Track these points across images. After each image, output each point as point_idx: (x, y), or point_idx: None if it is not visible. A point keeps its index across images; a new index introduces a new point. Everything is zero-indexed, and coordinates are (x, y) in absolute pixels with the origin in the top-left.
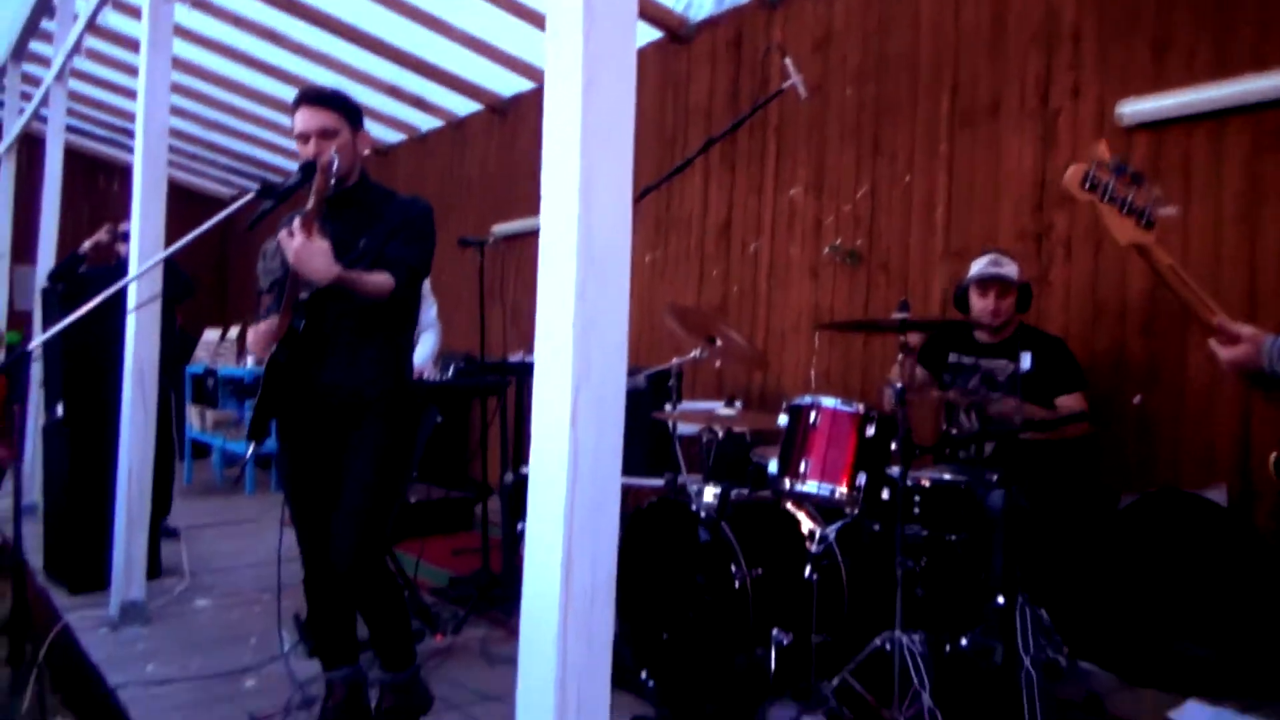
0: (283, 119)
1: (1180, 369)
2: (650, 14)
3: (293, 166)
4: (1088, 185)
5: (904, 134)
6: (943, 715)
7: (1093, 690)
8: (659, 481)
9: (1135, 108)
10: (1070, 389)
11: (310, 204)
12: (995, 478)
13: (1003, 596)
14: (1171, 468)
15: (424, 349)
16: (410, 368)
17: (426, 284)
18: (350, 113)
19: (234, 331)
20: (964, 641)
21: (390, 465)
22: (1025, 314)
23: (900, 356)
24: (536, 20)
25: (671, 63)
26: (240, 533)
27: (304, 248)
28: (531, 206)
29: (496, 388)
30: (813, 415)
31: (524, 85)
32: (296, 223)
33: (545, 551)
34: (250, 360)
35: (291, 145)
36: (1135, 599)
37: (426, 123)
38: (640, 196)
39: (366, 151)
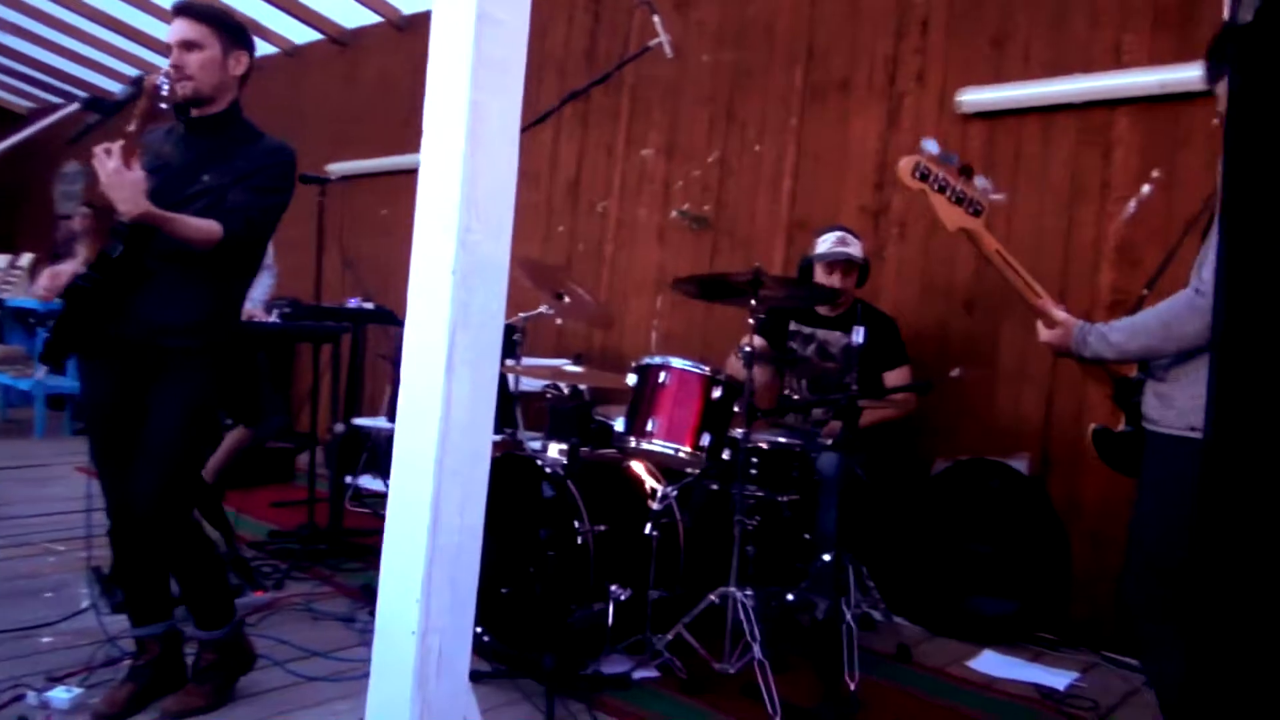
0: (94, 29)
1: (994, 347)
2: None
3: (101, 82)
4: (918, 175)
5: (757, 103)
6: (770, 666)
7: (903, 641)
8: (496, 436)
9: (973, 97)
10: (896, 364)
11: (132, 126)
12: (829, 441)
13: (829, 555)
14: (982, 438)
15: (256, 291)
16: (237, 314)
17: None
18: (227, 29)
19: (25, 259)
20: (790, 596)
21: (201, 410)
22: (861, 289)
23: (750, 322)
24: None
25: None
26: (29, 478)
27: (115, 174)
28: (371, 147)
29: (332, 335)
30: (662, 375)
31: (369, 18)
32: (116, 145)
33: (411, 499)
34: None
35: (99, 57)
36: (942, 558)
37: (260, 49)
38: None
39: (238, 73)
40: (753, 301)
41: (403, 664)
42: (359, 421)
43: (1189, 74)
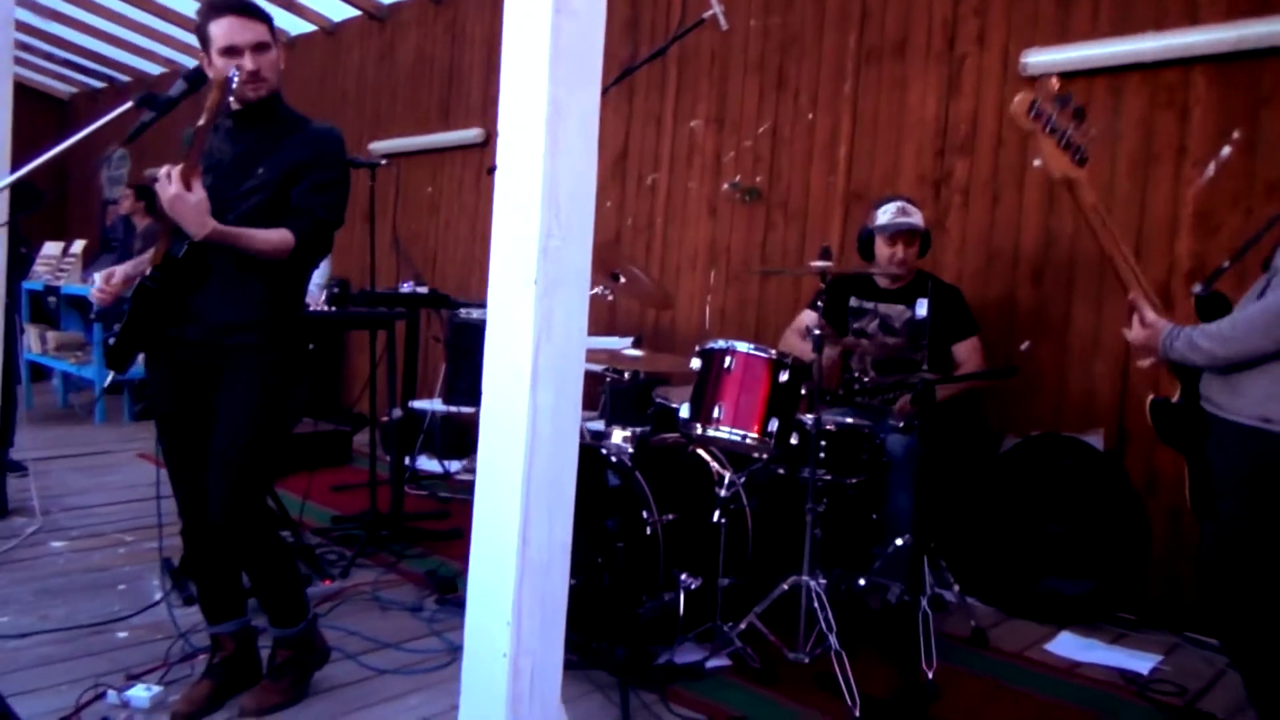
0: (134, 12)
1: (1066, 319)
2: None
3: (139, 65)
4: (1033, 114)
5: (809, 70)
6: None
7: (978, 624)
8: None
9: (1038, 58)
10: (965, 335)
11: (202, 120)
12: (901, 423)
13: (901, 539)
14: (1054, 413)
15: (314, 278)
16: (301, 306)
17: None
18: (272, 24)
19: (78, 245)
20: (860, 581)
21: (270, 410)
22: (923, 260)
23: (819, 303)
24: None
25: None
26: (94, 466)
27: (177, 200)
28: (410, 124)
29: (387, 321)
30: (727, 360)
31: None
32: (175, 170)
33: (499, 519)
34: (98, 276)
35: (137, 40)
36: (1015, 537)
37: (297, 26)
38: None
39: (282, 67)
40: (820, 286)
41: (495, 688)
42: (415, 404)
43: (1270, 28)
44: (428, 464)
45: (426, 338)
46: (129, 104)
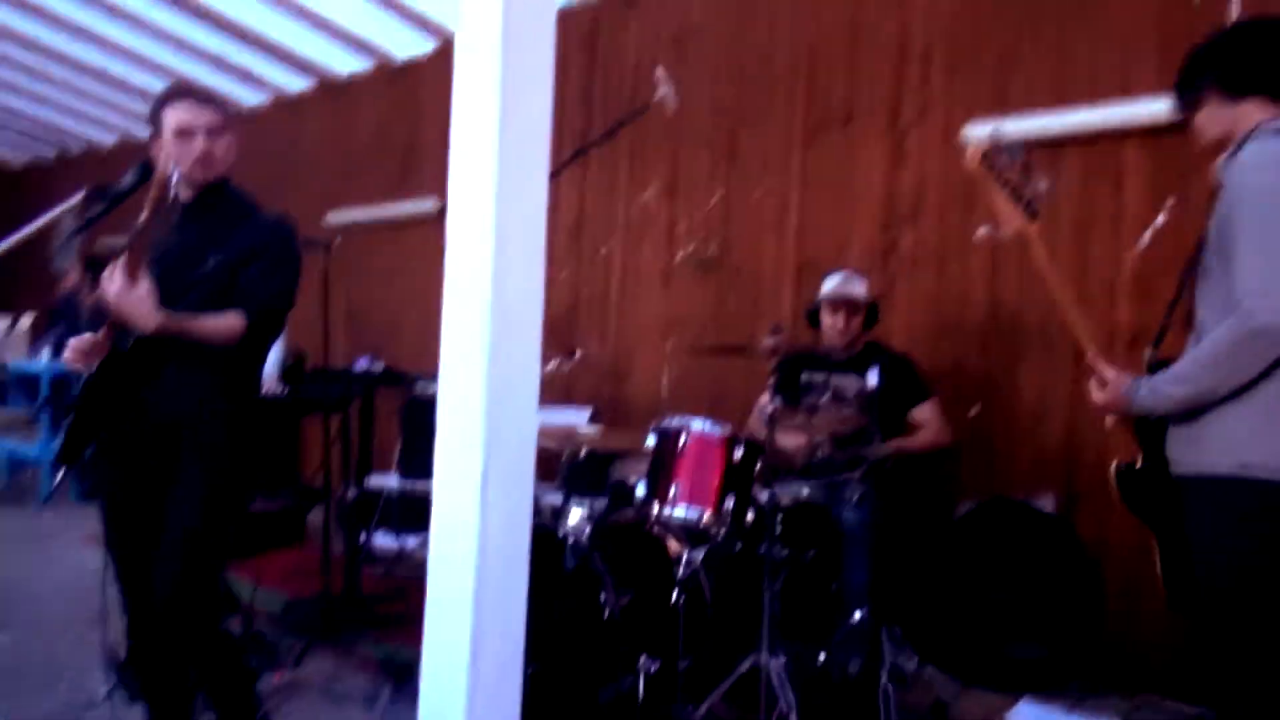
0: (86, 83)
1: (1013, 384)
2: None
3: (94, 134)
4: (986, 164)
5: (758, 141)
6: None
7: (939, 697)
8: None
9: (979, 130)
10: (921, 399)
11: (142, 217)
12: (856, 496)
13: (860, 612)
14: (1005, 477)
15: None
16: (256, 393)
17: None
18: (227, 113)
19: (25, 320)
20: (820, 656)
21: (221, 498)
22: (872, 330)
23: (770, 381)
24: None
25: None
26: (38, 552)
27: (121, 294)
28: (368, 193)
29: (342, 404)
30: (682, 438)
31: (360, 64)
32: (119, 266)
33: (449, 631)
34: (46, 352)
35: (92, 110)
36: (972, 605)
37: (253, 98)
38: None
39: (232, 157)
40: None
41: None
42: (371, 480)
43: None
44: (385, 540)
45: (382, 413)
46: (79, 196)
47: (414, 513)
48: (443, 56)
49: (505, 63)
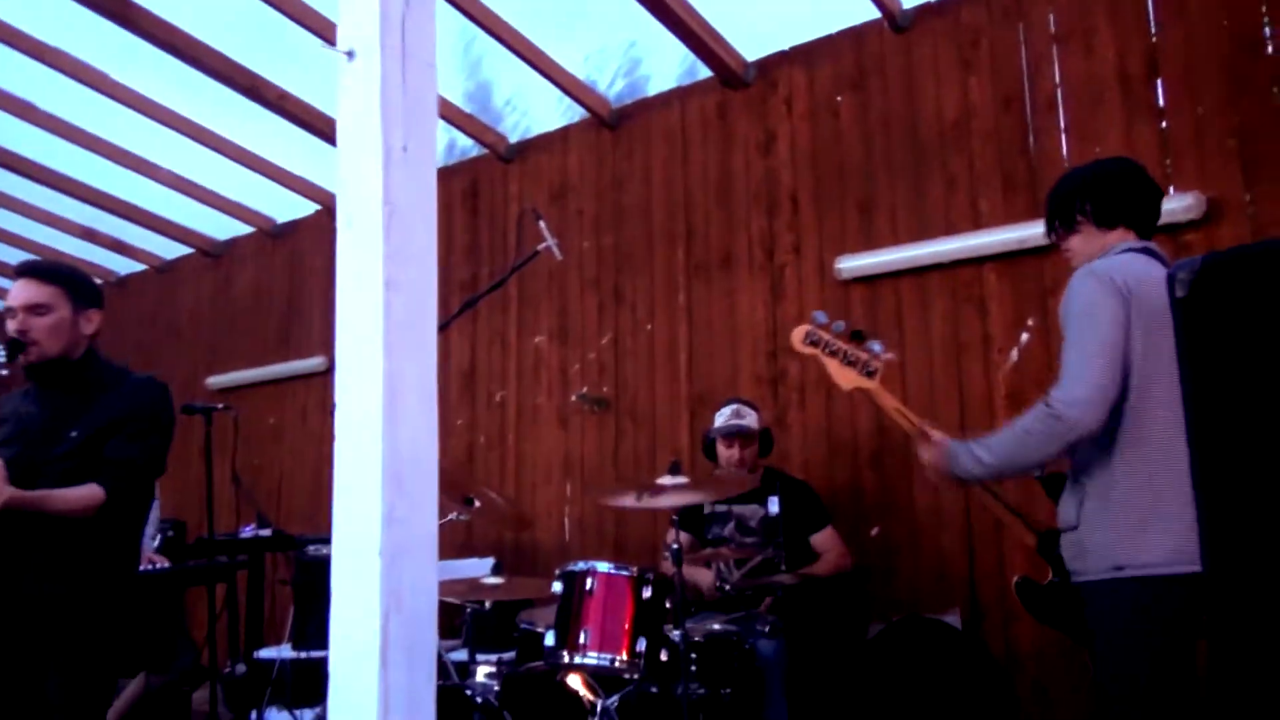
0: None
1: (909, 500)
2: None
3: None
4: (809, 342)
5: (643, 283)
6: None
7: None
8: None
9: (849, 263)
10: (819, 526)
11: None
12: (766, 627)
13: None
14: (911, 593)
15: (147, 529)
16: (133, 564)
17: None
18: (74, 288)
19: None
20: None
21: (98, 680)
22: (768, 457)
23: (673, 517)
24: (252, 163)
25: None
26: None
27: None
28: (249, 356)
29: (228, 572)
30: (589, 581)
31: (240, 229)
32: None
33: None
34: None
35: None
36: None
37: (127, 266)
38: None
39: (89, 331)
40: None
41: None
42: (261, 654)
43: (1042, 229)
44: (277, 717)
45: (272, 580)
46: None
47: (310, 685)
48: (323, 215)
49: (387, 238)
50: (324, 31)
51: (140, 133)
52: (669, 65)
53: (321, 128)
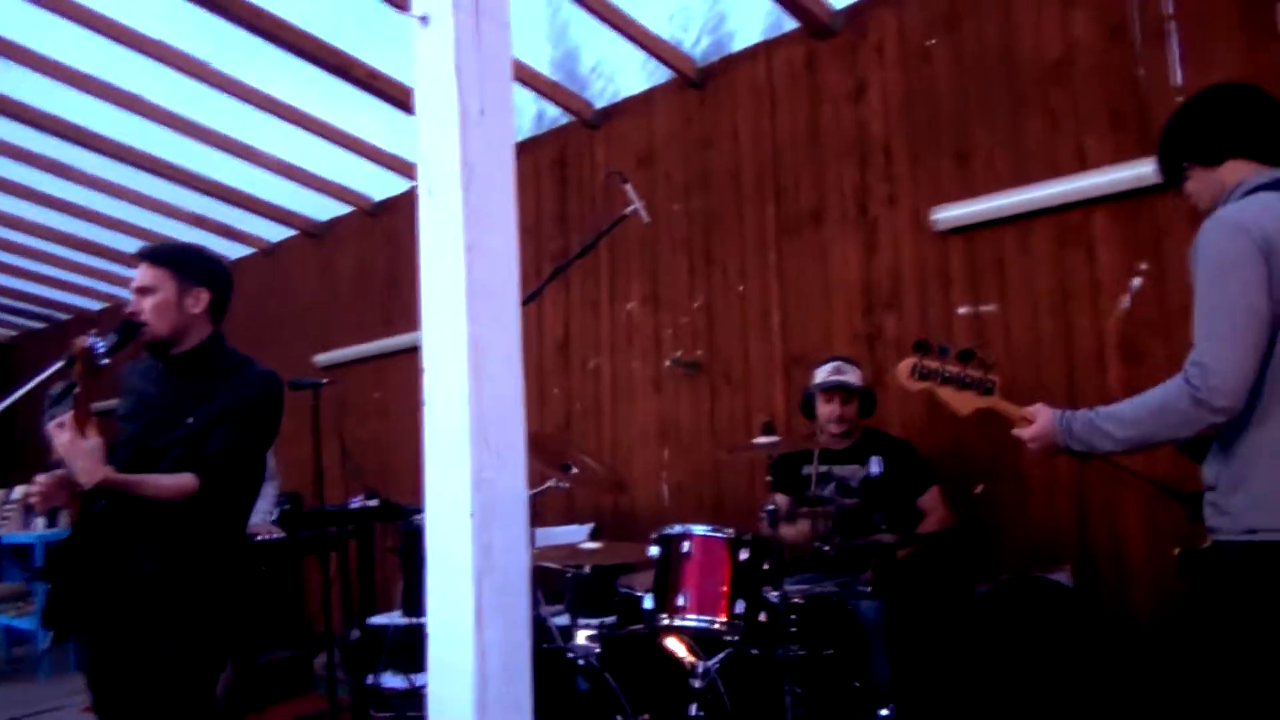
0: (76, 255)
1: (1017, 458)
2: None
3: (78, 302)
4: (917, 375)
5: (733, 244)
6: None
7: None
8: None
9: (946, 214)
10: (925, 487)
11: (77, 388)
12: (869, 588)
13: (886, 709)
14: (1019, 553)
15: (262, 504)
16: (240, 543)
17: None
18: (181, 269)
19: (18, 491)
20: None
21: (198, 665)
22: (869, 418)
23: (768, 480)
24: (348, 143)
25: None
26: None
27: (70, 445)
28: (355, 332)
29: (338, 542)
30: (685, 545)
31: (340, 209)
32: (67, 417)
33: None
34: (40, 522)
35: (73, 278)
36: (999, 686)
37: (236, 250)
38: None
39: (197, 310)
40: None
41: None
42: (373, 620)
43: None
44: (393, 680)
45: (381, 549)
46: (63, 360)
47: (422, 650)
48: (418, 191)
49: (466, 202)
50: (404, 2)
51: (240, 119)
52: (754, 19)
53: (411, 104)
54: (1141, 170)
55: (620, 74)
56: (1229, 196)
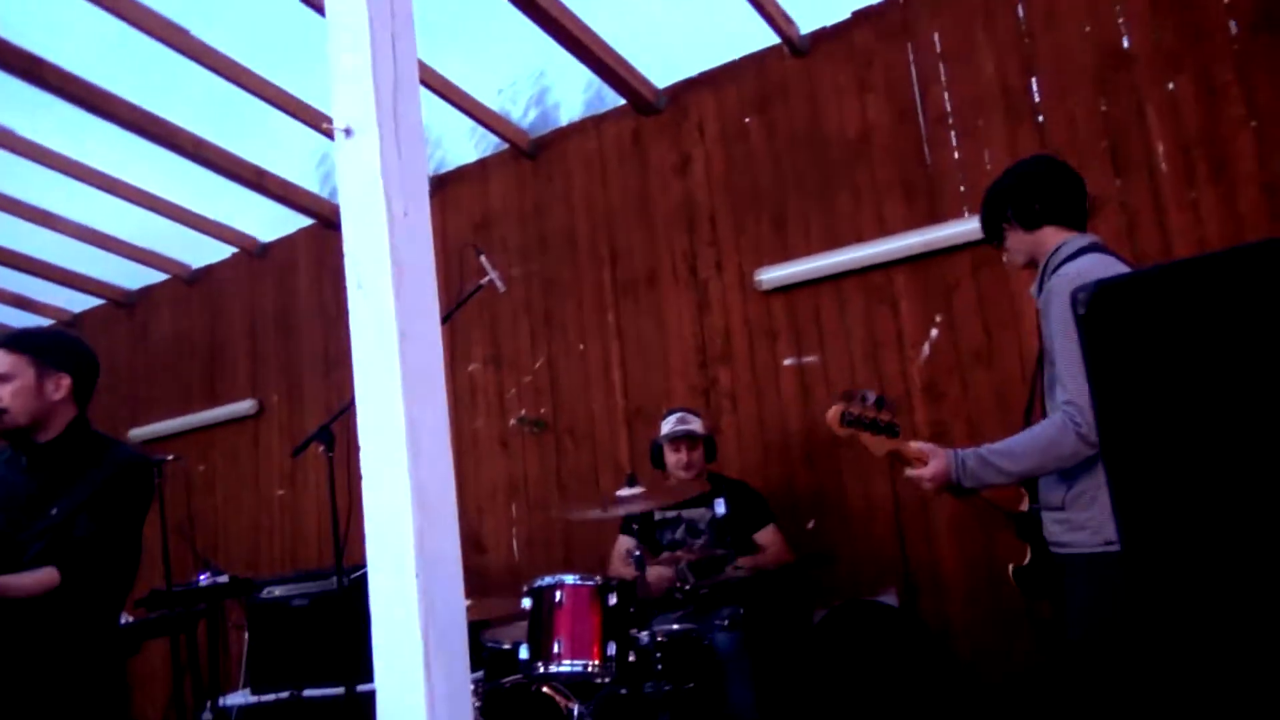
0: None
1: (841, 493)
2: (302, 204)
3: None
4: (845, 423)
5: (572, 306)
6: None
7: None
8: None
9: (768, 275)
10: (763, 523)
11: None
12: (724, 621)
13: None
14: (849, 579)
15: None
16: (110, 637)
17: None
18: (38, 353)
19: None
20: None
21: None
22: (713, 463)
23: (634, 526)
24: (163, 209)
25: (326, 246)
26: None
27: None
28: (172, 405)
29: (195, 621)
30: (557, 594)
31: (153, 276)
32: None
33: None
34: None
35: None
36: (840, 704)
37: (30, 322)
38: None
39: (58, 397)
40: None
41: None
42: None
43: (943, 232)
44: None
45: (229, 627)
46: None
47: None
48: (241, 258)
49: (398, 295)
50: (222, 69)
51: (45, 186)
52: (575, 92)
53: (238, 173)
54: (933, 235)
55: (449, 142)
56: (1053, 256)
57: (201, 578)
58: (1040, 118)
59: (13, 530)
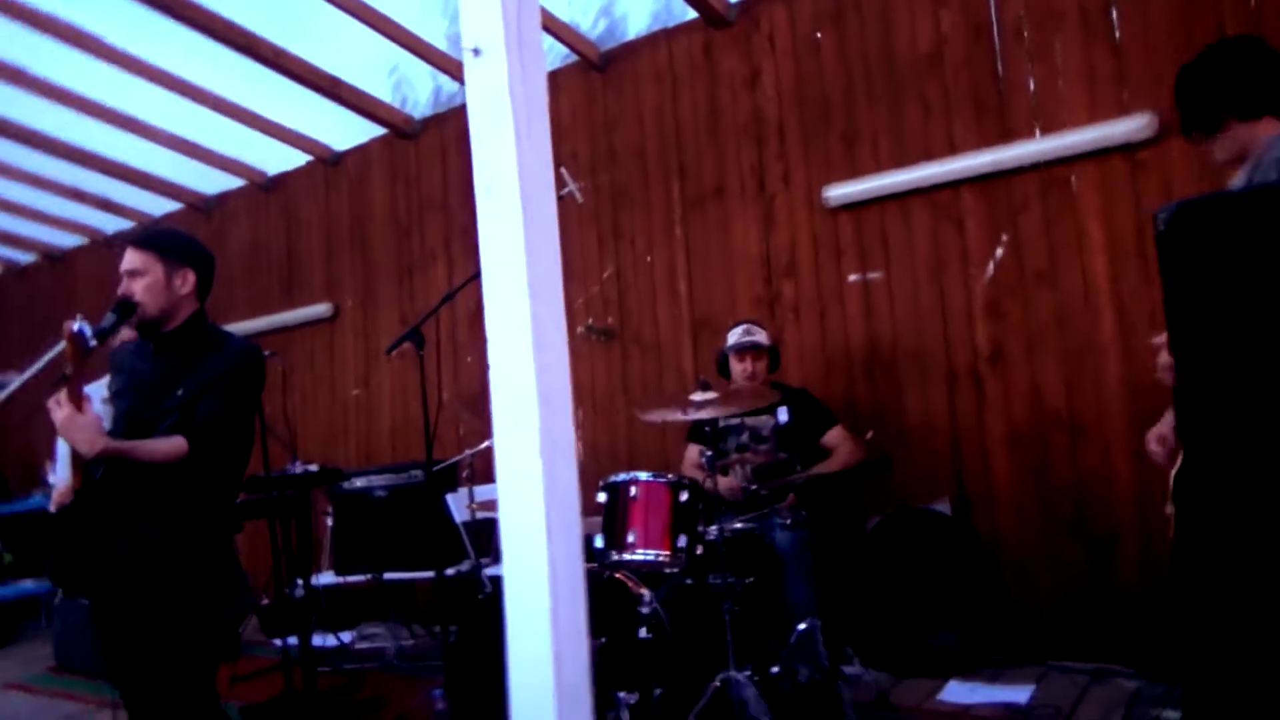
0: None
1: (899, 406)
2: (376, 114)
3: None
4: None
5: (640, 218)
6: None
7: (880, 689)
8: (451, 570)
9: (836, 192)
10: (828, 426)
11: (69, 369)
12: (788, 520)
13: (805, 624)
14: (904, 488)
15: None
16: (224, 514)
17: None
18: (167, 253)
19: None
20: (774, 669)
21: (206, 621)
22: (776, 373)
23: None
24: (240, 116)
25: (399, 157)
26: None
27: (67, 420)
28: (249, 307)
29: (294, 505)
30: (632, 490)
31: (230, 183)
32: (62, 394)
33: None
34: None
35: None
36: (893, 605)
37: (114, 224)
38: (433, 312)
39: (185, 291)
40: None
41: None
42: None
43: (1012, 153)
44: (319, 640)
45: (316, 513)
46: (63, 343)
47: (346, 610)
48: (315, 166)
49: (525, 207)
50: None
51: (129, 91)
52: (644, 4)
53: (314, 81)
54: (1002, 155)
55: None
56: (1269, 151)
57: (293, 467)
58: (1117, 34)
59: (141, 410)
